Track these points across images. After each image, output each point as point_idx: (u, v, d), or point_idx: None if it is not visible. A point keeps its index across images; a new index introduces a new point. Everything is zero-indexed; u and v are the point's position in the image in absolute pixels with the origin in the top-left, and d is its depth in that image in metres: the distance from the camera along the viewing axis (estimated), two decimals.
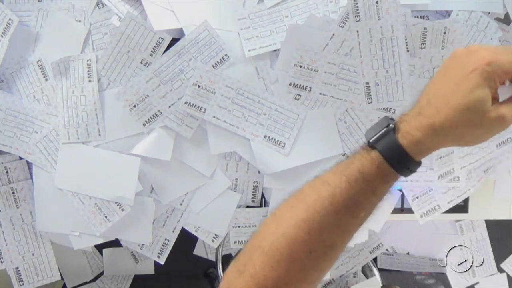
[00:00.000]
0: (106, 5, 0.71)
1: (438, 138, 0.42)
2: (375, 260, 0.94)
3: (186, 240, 0.76)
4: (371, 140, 0.44)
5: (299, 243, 0.43)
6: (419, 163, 0.44)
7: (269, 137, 0.69)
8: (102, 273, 0.93)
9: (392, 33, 0.65)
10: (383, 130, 0.44)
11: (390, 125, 0.44)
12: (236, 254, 0.46)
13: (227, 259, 0.90)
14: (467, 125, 0.42)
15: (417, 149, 0.43)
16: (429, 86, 0.45)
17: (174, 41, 0.69)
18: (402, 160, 0.43)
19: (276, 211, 0.46)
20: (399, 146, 0.43)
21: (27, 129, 0.72)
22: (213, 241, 0.75)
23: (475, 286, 0.97)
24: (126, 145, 0.71)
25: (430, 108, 0.43)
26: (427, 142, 0.42)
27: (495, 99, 0.43)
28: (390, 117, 0.46)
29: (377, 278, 0.88)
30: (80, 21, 0.71)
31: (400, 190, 0.73)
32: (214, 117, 0.68)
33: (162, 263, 0.76)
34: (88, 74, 0.70)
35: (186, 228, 0.75)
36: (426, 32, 0.67)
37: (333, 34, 0.66)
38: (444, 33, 0.67)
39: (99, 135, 0.70)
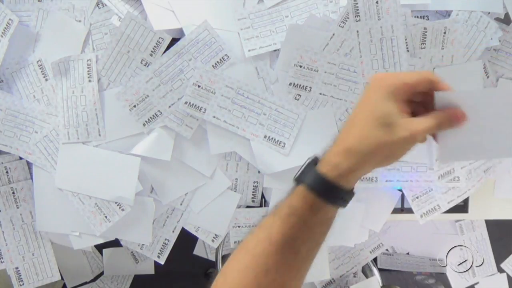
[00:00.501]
0: (106, 5, 0.71)
1: (354, 159, 0.43)
2: (375, 260, 0.94)
3: (186, 240, 0.76)
4: (296, 175, 0.45)
5: None
6: (349, 191, 0.44)
7: (269, 137, 0.69)
8: (102, 273, 0.93)
9: (392, 33, 0.65)
10: (306, 163, 0.46)
11: (311, 158, 0.46)
12: None
13: (227, 259, 0.90)
14: (379, 141, 0.43)
15: (338, 174, 0.43)
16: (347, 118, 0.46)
17: (174, 41, 0.69)
18: (325, 188, 0.43)
19: (223, 266, 0.47)
20: (318, 173, 0.43)
21: (27, 129, 0.72)
22: (213, 241, 0.75)
23: (475, 286, 0.97)
24: (126, 145, 0.71)
25: (343, 134, 0.45)
26: (345, 165, 0.43)
27: (407, 113, 0.44)
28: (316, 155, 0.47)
29: (377, 278, 0.88)
30: (80, 21, 0.71)
31: (400, 190, 0.73)
32: (214, 117, 0.68)
33: (162, 263, 0.76)
34: (88, 74, 0.70)
35: (186, 228, 0.75)
36: (426, 32, 0.67)
37: (333, 34, 0.66)
38: (444, 33, 0.67)
39: (99, 135, 0.70)
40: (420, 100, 0.46)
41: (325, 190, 0.43)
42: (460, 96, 0.47)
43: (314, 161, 0.46)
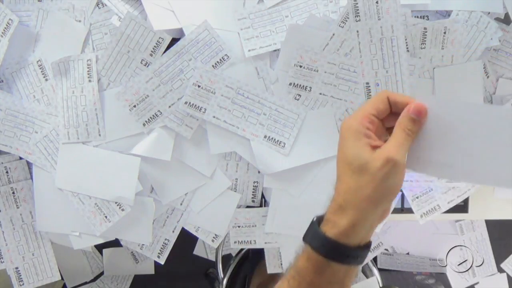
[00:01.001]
0: (106, 5, 0.71)
1: (349, 215, 0.43)
2: (375, 260, 0.94)
3: (186, 240, 0.76)
4: (303, 237, 0.45)
5: None
6: (355, 248, 0.44)
7: (269, 137, 0.69)
8: (102, 273, 0.93)
9: (392, 33, 0.65)
10: (310, 224, 0.46)
11: (316, 216, 0.46)
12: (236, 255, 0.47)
13: (227, 259, 0.91)
14: (361, 186, 0.42)
15: (337, 232, 0.43)
16: None
17: (174, 41, 0.69)
18: (327, 247, 0.43)
19: None
20: (319, 232, 0.43)
21: (27, 129, 0.72)
22: (213, 241, 0.75)
23: (475, 286, 0.97)
24: (126, 145, 0.71)
25: (335, 189, 0.45)
26: (342, 223, 0.43)
27: (376, 147, 0.43)
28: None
29: (377, 278, 0.88)
30: (80, 21, 0.71)
31: (401, 190, 0.73)
32: (214, 117, 0.68)
33: (162, 263, 0.76)
34: (88, 74, 0.70)
35: (186, 228, 0.75)
36: (426, 32, 0.67)
37: (333, 34, 0.66)
38: (444, 33, 0.67)
39: (99, 135, 0.70)
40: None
41: (327, 249, 0.43)
42: (454, 107, 0.45)
43: (318, 220, 0.45)
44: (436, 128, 0.45)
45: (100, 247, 0.90)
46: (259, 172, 0.72)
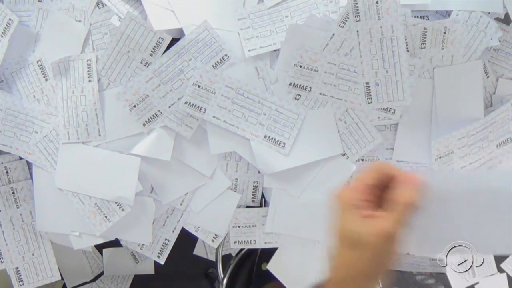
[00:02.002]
0: (106, 5, 0.71)
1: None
2: None
3: (186, 240, 0.76)
4: None
5: None
6: None
7: (269, 137, 0.69)
8: (102, 273, 0.93)
9: (392, 33, 0.65)
10: None
11: (312, 285, 0.46)
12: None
13: (227, 259, 0.90)
14: (357, 261, 0.42)
15: None
16: None
17: (174, 41, 0.69)
18: None
19: None
20: None
21: (27, 129, 0.72)
22: (213, 241, 0.75)
23: (475, 286, 0.97)
24: (126, 145, 0.71)
25: (333, 263, 0.44)
26: None
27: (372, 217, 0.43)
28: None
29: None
30: (80, 21, 0.71)
31: None
32: (214, 117, 0.68)
33: (162, 263, 0.76)
34: (88, 74, 0.70)
35: (186, 228, 0.75)
36: (426, 32, 0.67)
37: (333, 34, 0.66)
38: (444, 33, 0.67)
39: (99, 135, 0.70)
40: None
41: None
42: (452, 179, 0.44)
43: None
44: (437, 204, 0.44)
45: (100, 247, 0.90)
46: (259, 172, 0.72)
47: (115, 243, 0.76)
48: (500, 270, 0.97)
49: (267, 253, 0.79)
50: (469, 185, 0.44)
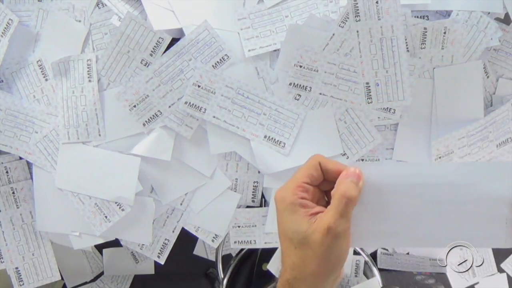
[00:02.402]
0: (106, 5, 0.71)
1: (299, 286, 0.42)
2: (375, 260, 0.94)
3: (186, 240, 0.76)
4: None
5: None
6: None
7: (269, 137, 0.69)
8: (102, 273, 0.93)
9: (392, 33, 0.65)
10: None
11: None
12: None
13: (227, 259, 0.90)
14: (305, 260, 0.41)
15: None
16: None
17: (174, 41, 0.69)
18: None
19: None
20: None
21: (27, 129, 0.72)
22: (213, 241, 0.75)
23: (475, 286, 0.97)
24: (126, 145, 0.71)
25: (282, 262, 0.44)
26: None
27: (316, 214, 0.42)
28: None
29: (377, 279, 0.88)
30: (80, 21, 0.71)
31: None
32: (214, 117, 0.68)
33: (162, 263, 0.76)
34: (88, 74, 0.70)
35: (186, 228, 0.75)
36: (426, 32, 0.67)
37: (333, 34, 0.66)
38: (444, 33, 0.67)
39: (99, 135, 0.70)
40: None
41: None
42: (390, 171, 0.43)
43: None
44: (375, 197, 0.43)
45: (100, 247, 0.90)
46: (259, 172, 0.72)
47: (115, 243, 0.76)
48: (500, 270, 0.97)
49: (267, 253, 0.79)
50: (407, 178, 0.43)
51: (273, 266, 0.78)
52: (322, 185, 0.46)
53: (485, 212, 0.44)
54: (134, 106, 0.69)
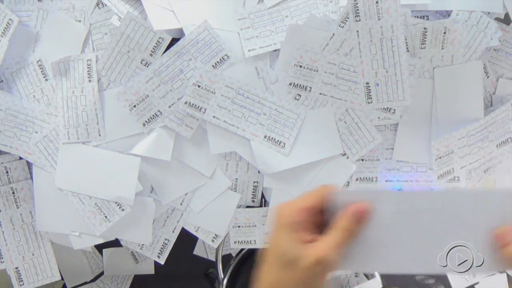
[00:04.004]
0: (106, 5, 0.71)
1: None
2: None
3: (186, 240, 0.76)
4: None
5: None
6: None
7: (269, 137, 0.69)
8: (102, 273, 0.93)
9: (392, 33, 0.65)
10: None
11: None
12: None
13: (227, 259, 0.90)
14: (287, 282, 0.41)
15: None
16: None
17: (174, 41, 0.69)
18: None
19: None
20: None
21: (27, 129, 0.72)
22: (213, 241, 0.75)
23: (475, 286, 0.96)
24: (126, 145, 0.70)
25: (260, 277, 0.43)
26: None
27: (310, 242, 0.42)
28: None
29: (377, 279, 0.88)
30: (80, 21, 0.71)
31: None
32: (214, 117, 0.68)
33: (162, 263, 0.76)
34: (88, 74, 0.70)
35: (186, 228, 0.75)
36: (426, 32, 0.67)
37: (333, 34, 0.66)
38: (444, 33, 0.67)
39: (99, 135, 0.70)
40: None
41: None
42: (365, 194, 0.44)
43: None
44: (373, 222, 0.43)
45: (100, 247, 0.90)
46: (259, 172, 0.72)
47: (115, 243, 0.76)
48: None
49: None
50: (395, 202, 0.44)
51: None
52: (324, 215, 0.45)
53: (465, 238, 0.45)
54: (134, 106, 0.69)
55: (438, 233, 0.44)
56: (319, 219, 0.44)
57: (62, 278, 0.89)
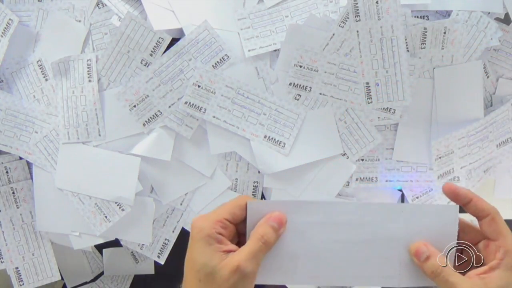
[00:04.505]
0: (106, 5, 0.71)
1: None
2: None
3: (186, 240, 0.76)
4: None
5: None
6: None
7: (269, 137, 0.69)
8: (102, 273, 0.93)
9: (392, 33, 0.65)
10: None
11: None
12: None
13: None
14: None
15: None
16: None
17: (174, 41, 0.69)
18: None
19: None
20: None
21: (27, 129, 0.72)
22: None
23: None
24: (126, 145, 0.71)
25: None
26: None
27: (228, 252, 0.42)
28: None
29: None
30: (80, 21, 0.71)
31: (400, 190, 0.73)
32: (214, 117, 0.68)
33: (162, 263, 0.76)
34: (88, 74, 0.70)
35: (186, 228, 0.75)
36: (426, 32, 0.67)
37: (333, 34, 0.66)
38: (444, 33, 0.67)
39: (99, 135, 0.70)
40: None
41: None
42: (275, 206, 0.44)
43: None
44: (289, 234, 0.44)
45: (100, 247, 0.90)
46: (259, 172, 0.72)
47: (115, 243, 0.76)
48: None
49: None
50: (314, 216, 0.44)
51: None
52: (240, 226, 0.45)
53: (381, 253, 0.45)
54: (134, 106, 0.69)
55: (356, 246, 0.44)
56: (234, 230, 0.44)
57: (62, 278, 0.89)
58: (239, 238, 0.46)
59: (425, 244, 0.45)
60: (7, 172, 0.73)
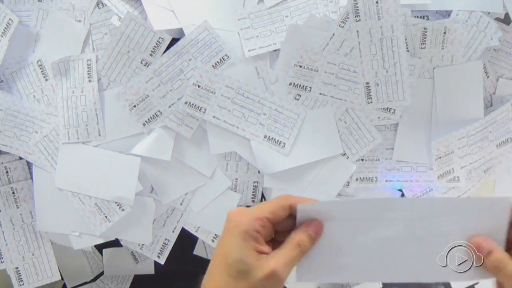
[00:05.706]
0: (106, 5, 0.71)
1: None
2: None
3: (186, 240, 0.76)
4: None
5: None
6: None
7: (269, 137, 0.69)
8: (102, 273, 0.93)
9: (392, 33, 0.65)
10: None
11: None
12: None
13: None
14: None
15: None
16: None
17: (174, 41, 0.69)
18: None
19: None
20: None
21: (27, 129, 0.72)
22: (213, 241, 0.75)
23: (475, 286, 0.96)
24: (126, 145, 0.71)
25: (204, 283, 0.42)
26: None
27: (262, 253, 0.41)
28: None
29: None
30: (80, 21, 0.71)
31: (400, 190, 0.73)
32: (214, 117, 0.68)
33: (162, 263, 0.76)
34: (88, 74, 0.70)
35: (186, 228, 0.75)
36: (426, 32, 0.67)
37: (333, 34, 0.66)
38: (444, 33, 0.67)
39: (99, 135, 0.70)
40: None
41: None
42: (325, 206, 0.43)
43: None
44: (338, 232, 0.44)
45: (100, 247, 0.90)
46: (259, 172, 0.72)
47: (115, 243, 0.76)
48: None
49: None
50: (356, 213, 0.44)
51: None
52: (278, 224, 0.45)
53: (432, 248, 0.44)
54: (134, 106, 0.69)
55: (406, 241, 0.44)
56: (271, 230, 0.43)
57: (62, 278, 0.89)
58: (273, 239, 0.45)
59: (486, 239, 0.43)
60: (7, 172, 0.73)
